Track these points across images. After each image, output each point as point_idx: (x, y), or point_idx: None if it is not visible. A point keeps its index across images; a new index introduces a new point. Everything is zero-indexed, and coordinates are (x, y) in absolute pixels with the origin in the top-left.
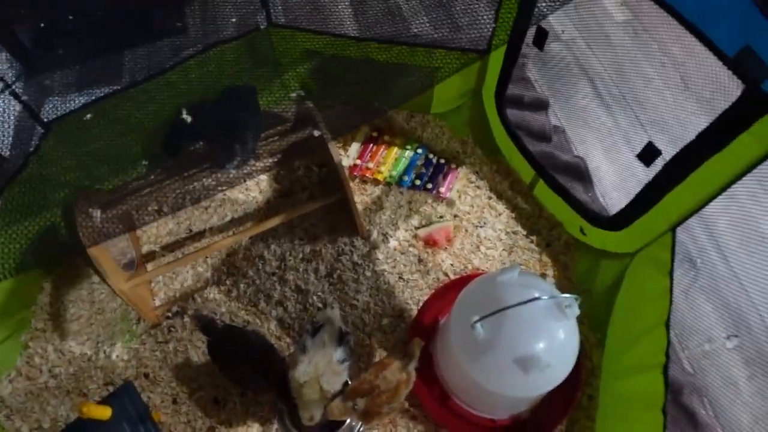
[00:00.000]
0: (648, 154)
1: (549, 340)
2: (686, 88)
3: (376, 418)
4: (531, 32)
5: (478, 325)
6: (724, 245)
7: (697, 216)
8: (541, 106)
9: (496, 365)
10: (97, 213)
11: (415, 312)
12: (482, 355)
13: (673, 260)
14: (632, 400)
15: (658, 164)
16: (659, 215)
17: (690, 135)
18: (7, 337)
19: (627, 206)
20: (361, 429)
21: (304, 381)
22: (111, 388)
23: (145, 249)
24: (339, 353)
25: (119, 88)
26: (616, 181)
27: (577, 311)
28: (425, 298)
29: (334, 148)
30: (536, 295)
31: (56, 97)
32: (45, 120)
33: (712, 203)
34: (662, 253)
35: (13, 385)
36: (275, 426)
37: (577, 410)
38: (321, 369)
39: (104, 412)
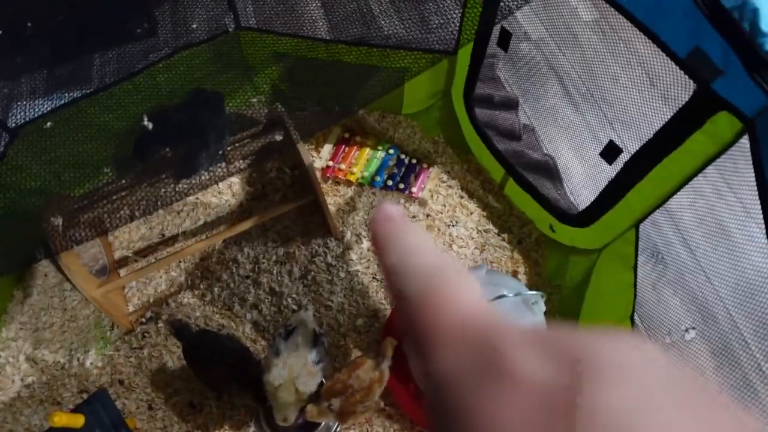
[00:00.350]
0: (610, 152)
1: None
2: (652, 86)
3: (351, 417)
4: (496, 33)
5: None
6: (689, 239)
7: (664, 210)
8: (510, 105)
9: None
10: (58, 221)
11: (389, 312)
12: None
13: (636, 255)
14: None
15: (621, 162)
16: (623, 212)
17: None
18: None
19: (593, 203)
20: (338, 429)
21: (279, 384)
22: (85, 396)
23: (117, 254)
24: (313, 355)
25: (86, 92)
26: (584, 178)
27: (543, 308)
28: None
29: (305, 151)
30: (504, 292)
31: (22, 102)
32: (10, 126)
33: (677, 198)
34: (626, 248)
35: None
36: (252, 428)
37: None
38: (296, 371)
39: (77, 420)
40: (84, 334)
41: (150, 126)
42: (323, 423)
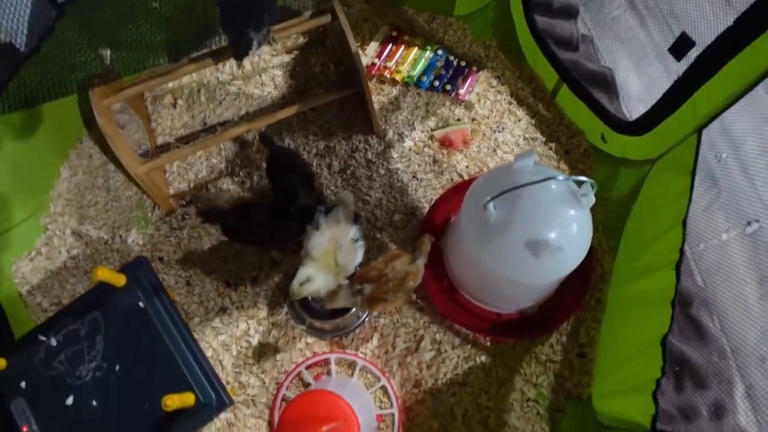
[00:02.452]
0: (680, 46)
1: (561, 226)
2: (727, 3)
3: (380, 305)
4: None
5: (491, 205)
6: (750, 165)
7: (725, 134)
8: (570, 13)
9: (507, 249)
10: (107, 53)
11: (426, 210)
12: (493, 238)
13: (696, 161)
14: (641, 300)
15: (691, 57)
16: (685, 116)
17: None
18: (26, 218)
19: (653, 108)
20: (367, 318)
21: (319, 254)
22: None
23: (159, 140)
24: (353, 231)
25: None
26: (642, 94)
27: (592, 199)
28: (438, 197)
29: (351, 38)
30: (552, 182)
31: None
32: (58, 1)
33: (741, 122)
34: (685, 155)
35: (33, 264)
36: (284, 310)
37: (583, 311)
38: (336, 242)
39: (118, 279)
40: (126, 213)
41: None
42: (352, 310)
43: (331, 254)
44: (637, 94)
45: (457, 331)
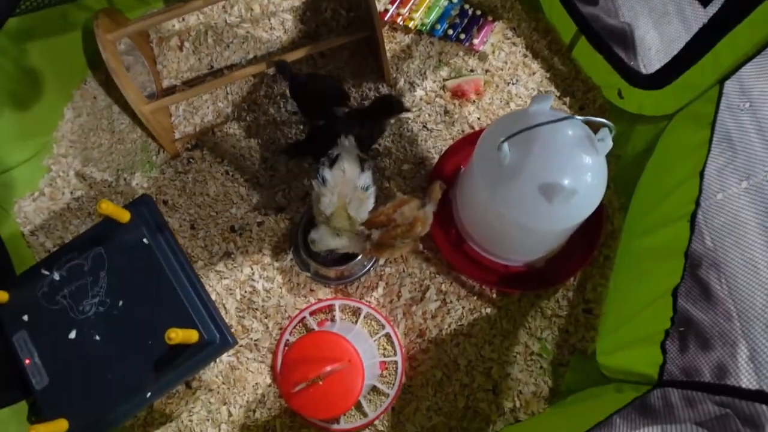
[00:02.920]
0: None
1: (576, 171)
2: None
3: (387, 251)
4: None
5: (505, 145)
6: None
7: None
8: None
9: (520, 193)
10: None
11: (436, 160)
12: (506, 182)
13: (717, 113)
14: (652, 254)
15: (717, 4)
16: (707, 67)
17: None
18: (29, 158)
19: (673, 59)
20: (373, 266)
21: (331, 212)
22: None
23: (165, 83)
24: (362, 180)
25: None
26: (661, 52)
27: (610, 144)
28: (448, 147)
29: None
30: (569, 126)
31: None
32: None
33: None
34: (705, 108)
35: (36, 204)
36: (289, 256)
37: (591, 267)
38: (346, 197)
39: (123, 214)
40: (131, 156)
41: None
42: (359, 257)
43: (343, 210)
44: (656, 52)
45: (463, 282)
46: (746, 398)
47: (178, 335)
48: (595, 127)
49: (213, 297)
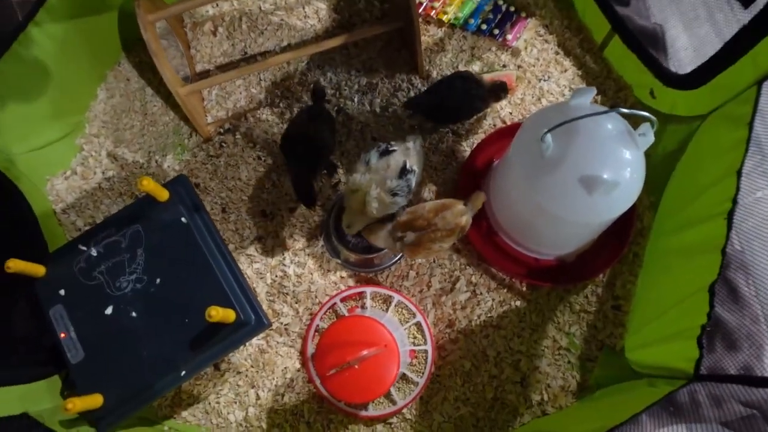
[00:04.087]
0: None
1: (616, 165)
2: None
3: (423, 253)
4: None
5: (548, 137)
6: None
7: None
8: None
9: (561, 184)
10: None
11: (467, 153)
12: (547, 173)
13: (755, 113)
14: (684, 251)
15: (759, 6)
16: (745, 67)
17: None
18: (62, 137)
19: (710, 59)
20: (400, 258)
21: (354, 189)
22: None
23: (198, 68)
24: (394, 184)
25: None
26: (692, 55)
27: (651, 139)
28: (480, 141)
29: None
30: (609, 120)
31: None
32: None
33: None
34: (741, 109)
35: (68, 182)
36: (321, 242)
37: (621, 264)
38: (372, 186)
39: (162, 193)
40: (163, 139)
41: None
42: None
43: (363, 195)
44: (688, 55)
45: (494, 274)
46: None
47: (218, 313)
48: (634, 123)
49: None
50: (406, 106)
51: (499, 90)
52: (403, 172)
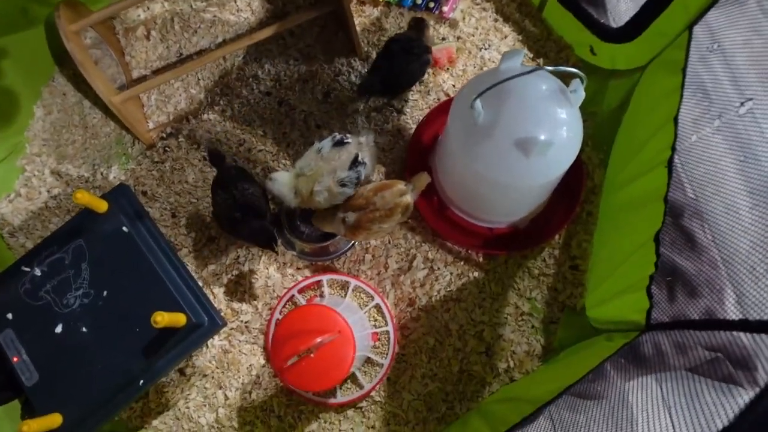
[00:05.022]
0: None
1: (551, 124)
2: None
3: (363, 233)
4: None
5: (478, 103)
6: (740, 78)
7: (720, 53)
8: None
9: (497, 150)
10: None
11: (414, 130)
12: (482, 140)
13: (687, 57)
14: (633, 203)
15: None
16: (677, 11)
17: None
18: (2, 159)
19: (642, 8)
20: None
21: (300, 173)
22: None
23: (135, 74)
24: (343, 175)
25: None
26: (632, 7)
27: (582, 95)
28: (424, 116)
29: None
30: (541, 80)
31: None
32: None
33: (731, 35)
34: (676, 54)
35: (13, 205)
36: None
37: (575, 224)
38: (319, 177)
39: (100, 204)
40: (106, 150)
41: None
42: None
43: (310, 181)
44: (625, 6)
45: (450, 248)
46: (732, 329)
47: (164, 318)
48: (566, 80)
49: (200, 283)
50: (360, 92)
51: (418, 25)
52: (355, 163)
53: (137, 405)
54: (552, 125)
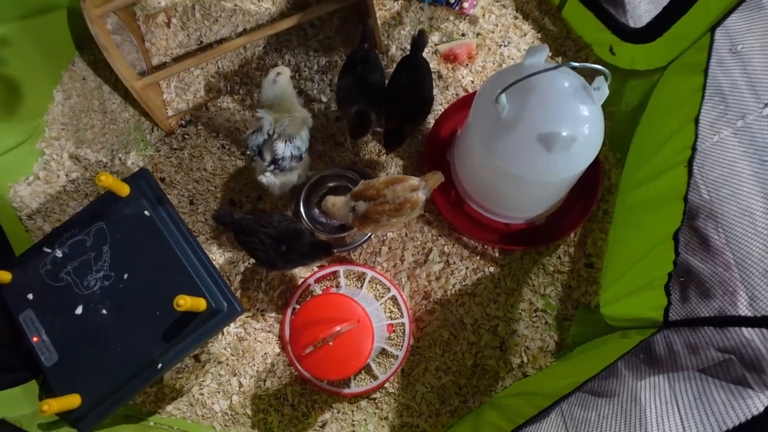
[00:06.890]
0: None
1: (574, 121)
2: None
3: (372, 225)
4: None
5: (503, 97)
6: (757, 83)
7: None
8: None
9: (519, 145)
10: None
11: (432, 125)
12: (505, 135)
13: (709, 59)
14: (651, 202)
15: None
16: (699, 14)
17: None
18: (21, 142)
19: (664, 10)
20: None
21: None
22: None
23: (155, 60)
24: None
25: None
26: (652, 8)
27: (606, 93)
28: (443, 111)
29: None
30: (564, 76)
31: None
32: None
33: (750, 40)
34: (697, 56)
35: (32, 188)
36: None
37: (591, 222)
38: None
39: (122, 187)
40: (125, 136)
41: None
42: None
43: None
44: (645, 7)
45: (466, 243)
46: (750, 325)
47: (186, 302)
48: (588, 79)
49: None
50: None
51: (419, 39)
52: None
53: (152, 390)
54: (575, 122)
